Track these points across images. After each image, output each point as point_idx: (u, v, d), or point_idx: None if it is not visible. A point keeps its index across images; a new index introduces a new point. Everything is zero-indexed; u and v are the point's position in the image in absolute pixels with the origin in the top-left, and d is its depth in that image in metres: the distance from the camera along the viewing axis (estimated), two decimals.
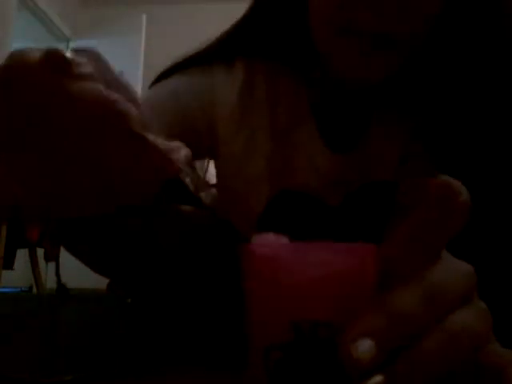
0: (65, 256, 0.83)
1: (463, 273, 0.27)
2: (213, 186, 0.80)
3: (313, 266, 0.25)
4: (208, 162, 0.80)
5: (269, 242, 0.27)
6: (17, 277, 3.35)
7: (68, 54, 0.29)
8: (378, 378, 0.24)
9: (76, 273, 1.61)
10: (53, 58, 0.28)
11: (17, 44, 3.82)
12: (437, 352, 0.25)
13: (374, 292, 0.26)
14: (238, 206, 0.67)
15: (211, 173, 0.80)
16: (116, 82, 0.31)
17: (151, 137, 0.30)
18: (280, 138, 0.64)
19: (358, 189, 0.61)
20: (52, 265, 3.10)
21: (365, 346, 0.24)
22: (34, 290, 3.12)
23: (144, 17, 4.54)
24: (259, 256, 0.26)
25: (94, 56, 0.31)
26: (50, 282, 3.63)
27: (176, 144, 0.33)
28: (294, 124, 0.64)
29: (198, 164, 0.80)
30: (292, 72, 0.65)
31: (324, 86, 0.63)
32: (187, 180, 0.78)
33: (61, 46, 4.61)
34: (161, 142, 0.31)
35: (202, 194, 0.82)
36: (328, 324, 0.24)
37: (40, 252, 2.87)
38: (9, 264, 2.82)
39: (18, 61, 0.29)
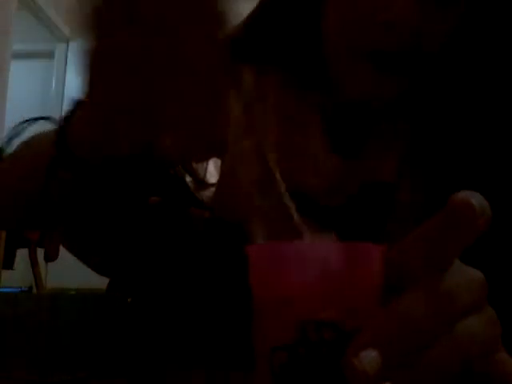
0: (65, 256, 0.83)
1: (474, 280, 0.27)
2: (212, 185, 0.80)
3: (318, 266, 0.25)
4: (207, 162, 0.80)
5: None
6: (17, 277, 3.35)
7: None
8: None
9: (76, 273, 1.61)
10: None
11: (17, 44, 3.83)
12: (444, 360, 0.25)
13: (380, 292, 0.26)
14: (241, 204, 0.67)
15: (211, 173, 0.80)
16: None
17: None
18: (287, 140, 0.64)
19: (359, 190, 0.62)
20: (52, 265, 3.10)
21: (369, 358, 0.23)
22: (34, 289, 3.12)
23: None
24: (264, 256, 0.27)
25: None
26: (50, 282, 3.63)
27: None
28: (302, 127, 0.64)
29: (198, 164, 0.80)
30: (301, 79, 0.65)
31: (332, 97, 0.63)
32: (187, 179, 0.78)
33: (61, 46, 4.61)
34: None
35: (202, 194, 0.82)
36: (333, 324, 0.24)
37: (40, 252, 2.87)
38: (9, 264, 2.82)
39: None
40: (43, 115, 0.63)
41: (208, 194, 0.82)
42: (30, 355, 0.49)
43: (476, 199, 0.26)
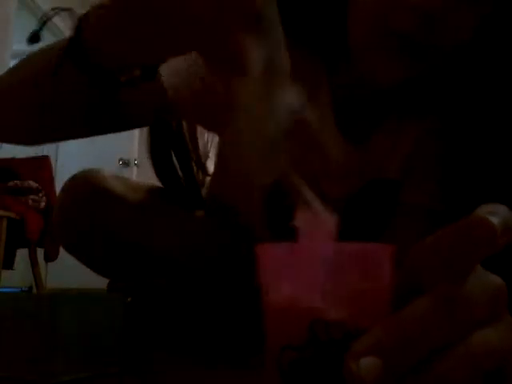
0: (65, 256, 0.83)
1: (492, 287, 0.25)
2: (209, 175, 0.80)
3: (327, 266, 0.25)
4: (206, 160, 0.80)
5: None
6: (17, 277, 3.35)
7: None
8: None
9: (76, 273, 1.61)
10: None
11: (17, 44, 3.82)
12: (455, 373, 0.23)
13: (391, 293, 0.25)
14: (244, 182, 0.67)
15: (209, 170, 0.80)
16: None
17: None
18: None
19: (363, 186, 0.61)
20: (52, 265, 3.10)
21: (368, 364, 0.22)
22: (34, 290, 3.12)
23: None
24: (273, 256, 0.26)
25: None
26: (50, 282, 3.63)
27: None
28: (314, 109, 0.63)
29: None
30: (313, 56, 0.64)
31: (346, 78, 0.63)
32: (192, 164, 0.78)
33: None
34: None
35: (202, 190, 0.82)
36: (343, 325, 0.24)
37: (40, 252, 2.87)
38: (9, 264, 2.82)
39: None
40: None
41: (205, 191, 0.82)
42: (29, 355, 0.49)
43: (499, 216, 0.24)
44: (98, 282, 0.95)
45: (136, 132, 4.00)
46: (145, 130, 0.74)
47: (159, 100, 0.62)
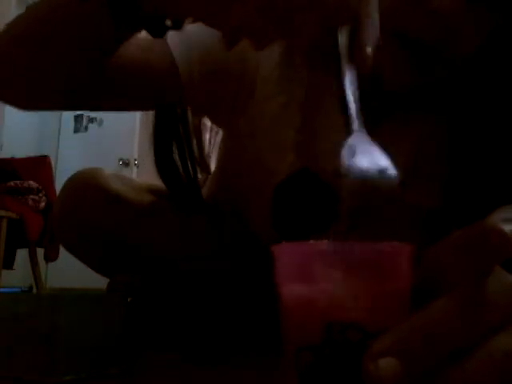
0: (65, 256, 0.83)
1: None
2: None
3: (343, 267, 0.24)
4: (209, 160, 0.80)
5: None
6: (17, 277, 3.35)
7: None
8: None
9: (76, 273, 1.61)
10: None
11: None
12: (475, 377, 0.23)
13: (409, 294, 0.25)
14: (254, 172, 0.66)
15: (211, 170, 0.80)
16: None
17: None
18: (309, 114, 0.64)
19: None
20: (52, 265, 3.10)
21: (386, 365, 0.22)
22: (34, 290, 3.12)
23: None
24: (290, 257, 0.26)
25: None
26: (50, 282, 3.63)
27: None
28: (321, 105, 0.64)
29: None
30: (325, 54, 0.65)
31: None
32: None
33: None
34: None
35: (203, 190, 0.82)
36: (359, 326, 0.24)
37: (40, 252, 2.87)
38: (9, 264, 2.82)
39: None
40: (42, 114, 0.62)
41: (205, 191, 0.82)
42: (30, 355, 0.49)
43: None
44: (98, 282, 0.95)
45: (136, 132, 4.01)
46: (145, 130, 0.74)
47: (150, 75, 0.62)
